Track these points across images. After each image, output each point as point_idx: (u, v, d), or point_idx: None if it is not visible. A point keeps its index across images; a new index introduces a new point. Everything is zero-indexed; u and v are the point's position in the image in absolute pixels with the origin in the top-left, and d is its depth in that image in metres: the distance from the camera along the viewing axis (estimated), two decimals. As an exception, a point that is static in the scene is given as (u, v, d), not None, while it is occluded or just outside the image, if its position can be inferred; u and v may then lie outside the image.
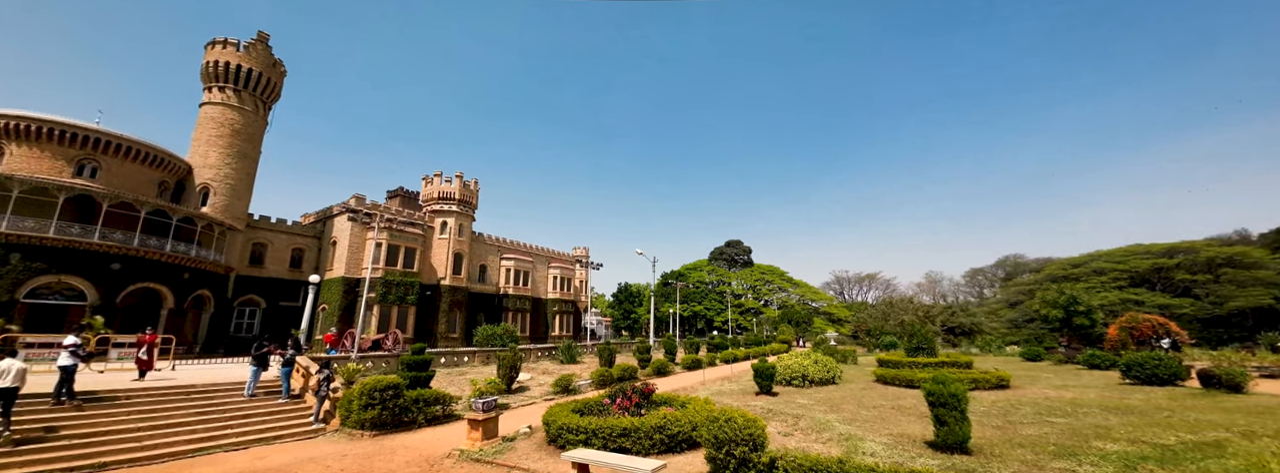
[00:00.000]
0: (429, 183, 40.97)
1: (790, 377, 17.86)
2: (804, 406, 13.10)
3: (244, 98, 32.20)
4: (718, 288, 76.34)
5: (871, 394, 15.22)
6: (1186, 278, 54.72)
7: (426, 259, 38.04)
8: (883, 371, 19.03)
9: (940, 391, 8.07)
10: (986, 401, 13.58)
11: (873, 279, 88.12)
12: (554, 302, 49.63)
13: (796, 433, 10.11)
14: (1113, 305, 49.48)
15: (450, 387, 15.91)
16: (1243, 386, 14.62)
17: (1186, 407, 12.06)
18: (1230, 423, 9.90)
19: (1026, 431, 9.78)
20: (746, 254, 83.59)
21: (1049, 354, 31.57)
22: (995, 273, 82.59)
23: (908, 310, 57.29)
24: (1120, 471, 7.00)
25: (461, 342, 37.65)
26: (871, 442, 9.02)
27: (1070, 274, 61.09)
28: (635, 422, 8.49)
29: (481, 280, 43.84)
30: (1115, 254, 61.05)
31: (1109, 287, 56.34)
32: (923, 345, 22.32)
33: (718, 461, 6.75)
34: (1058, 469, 7.14)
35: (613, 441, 8.36)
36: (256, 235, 33.30)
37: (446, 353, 23.70)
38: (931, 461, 7.62)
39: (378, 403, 10.94)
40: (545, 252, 51.76)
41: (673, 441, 8.59)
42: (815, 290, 78.39)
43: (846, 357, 29.24)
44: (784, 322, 65.06)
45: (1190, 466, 7.10)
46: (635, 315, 71.07)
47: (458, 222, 40.05)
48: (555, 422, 9.00)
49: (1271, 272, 49.36)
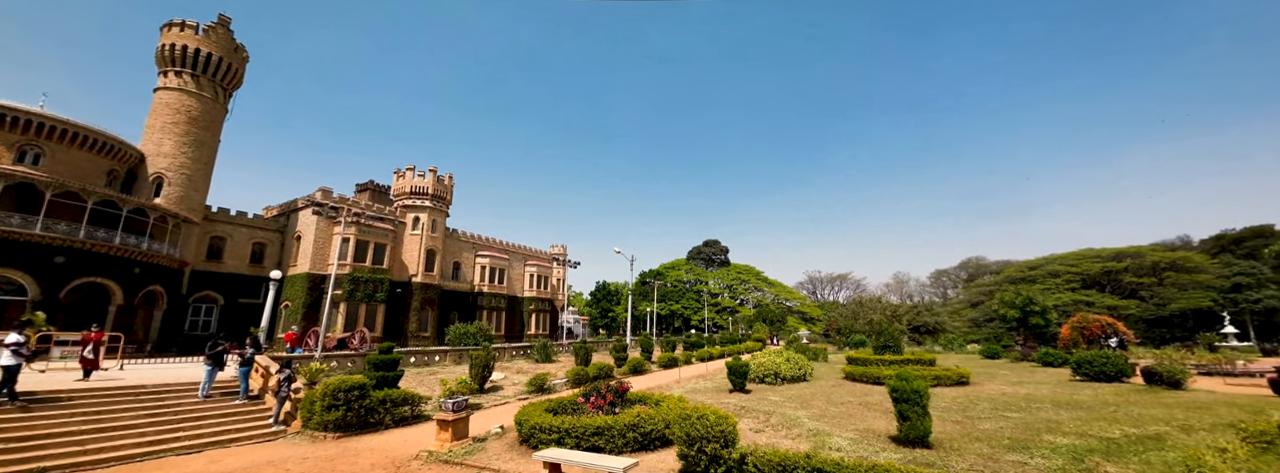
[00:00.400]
0: (401, 177, 39.85)
1: (763, 375, 18.16)
2: (775, 403, 13.33)
3: (202, 83, 30.67)
4: (695, 287, 76.99)
5: (840, 391, 15.61)
6: (1133, 281, 58.14)
7: (397, 256, 37.03)
8: (851, 368, 19.54)
9: (903, 387, 8.34)
10: (947, 397, 14.10)
11: (844, 279, 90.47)
12: (530, 300, 49.07)
13: (767, 430, 10.29)
14: (1066, 306, 52.11)
15: (420, 387, 15.55)
16: (1182, 382, 15.60)
17: (1131, 402, 12.80)
18: (1170, 418, 10.54)
19: (984, 425, 10.21)
20: (723, 254, 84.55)
21: (1006, 352, 33.05)
22: (958, 274, 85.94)
23: (876, 310, 59.02)
24: (1068, 463, 7.37)
25: (433, 341, 36.80)
26: (838, 437, 9.26)
27: (1027, 276, 64.08)
28: (609, 421, 8.47)
29: (455, 278, 42.95)
30: (1069, 258, 64.35)
31: (1063, 288, 59.35)
32: (889, 344, 23.03)
33: (690, 458, 6.81)
34: (1011, 462, 7.48)
35: (586, 440, 8.33)
36: (214, 228, 31.81)
37: (417, 352, 23.16)
38: (894, 455, 7.87)
39: (342, 404, 10.57)
40: (522, 249, 51.10)
41: (646, 439, 8.61)
42: (789, 290, 79.92)
43: (818, 355, 29.91)
44: (759, 321, 66.12)
45: (1133, 458, 7.54)
46: (613, 314, 71.10)
47: (431, 217, 39.09)
48: (527, 421, 8.90)
49: (1210, 276, 52.93)
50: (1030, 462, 7.46)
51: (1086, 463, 7.33)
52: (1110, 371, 17.70)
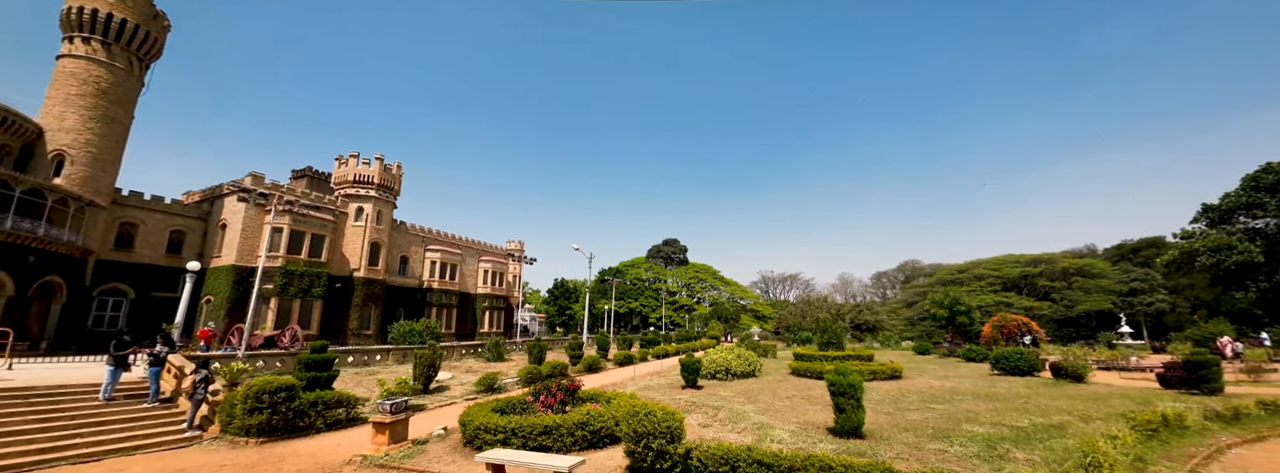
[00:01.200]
0: (343, 164, 37.35)
1: (715, 371, 18.57)
2: (725, 398, 13.67)
3: (115, 53, 27.60)
4: (654, 285, 77.55)
5: (786, 386, 16.22)
6: (1047, 284, 63.95)
7: (337, 248, 34.85)
8: (797, 363, 20.34)
9: (840, 381, 8.77)
10: (882, 390, 14.98)
11: (794, 279, 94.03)
12: (484, 297, 47.64)
13: (715, 424, 10.53)
14: (988, 307, 56.59)
15: (357, 388, 14.79)
16: (1084, 376, 17.32)
17: (1040, 394, 14.07)
18: (1072, 408, 11.67)
19: (912, 416, 10.93)
20: (682, 253, 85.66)
21: (936, 349, 35.46)
22: (897, 276, 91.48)
23: (823, 309, 61.81)
24: (983, 450, 8.03)
25: (377, 340, 34.87)
26: (780, 430, 9.62)
27: (956, 278, 69.12)
28: (557, 420, 8.39)
29: (402, 273, 40.98)
30: (992, 262, 69.93)
31: (986, 290, 64.45)
32: (832, 341, 24.15)
33: (636, 454, 6.86)
34: (933, 450, 8.06)
35: (533, 439, 8.20)
36: (125, 214, 28.77)
37: (356, 351, 21.99)
38: (829, 445, 8.28)
39: (267, 407, 9.82)
40: (475, 244, 49.47)
41: (596, 437, 8.60)
42: (744, 289, 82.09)
43: (767, 351, 30.93)
44: (714, 318, 67.53)
45: (1038, 445, 8.30)
46: (571, 312, 70.32)
47: (376, 208, 37.01)
48: (472, 422, 8.65)
49: (1111, 281, 59.10)
50: (950, 450, 8.07)
51: (998, 450, 8.00)
52: (1024, 366, 19.37)
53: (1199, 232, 43.53)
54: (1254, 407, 10.72)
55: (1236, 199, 41.52)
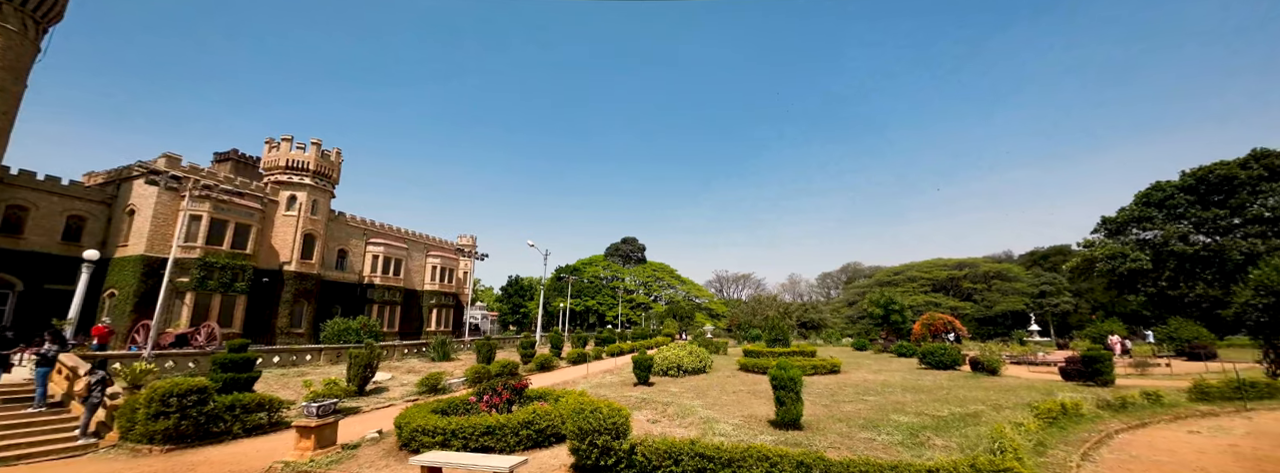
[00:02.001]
0: (274, 149, 34.16)
1: (667, 368, 18.73)
2: (675, 394, 13.83)
3: (6, 13, 24.21)
4: (612, 283, 77.34)
5: (734, 381, 16.62)
6: (970, 286, 69.42)
7: (265, 239, 32.05)
8: (746, 360, 20.92)
9: (781, 375, 9.08)
10: (822, 383, 15.69)
11: (747, 279, 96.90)
12: (431, 294, 45.52)
13: (663, 420, 10.62)
14: (919, 306, 60.65)
15: (283, 390, 13.78)
16: (998, 370, 18.87)
17: (960, 386, 15.19)
18: (986, 399, 12.67)
19: (846, 408, 11.51)
20: (641, 251, 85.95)
21: (872, 345, 37.59)
22: (840, 277, 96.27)
23: (772, 307, 63.94)
24: (906, 437, 8.60)
25: (309, 339, 32.33)
26: (725, 423, 9.84)
27: (892, 280, 73.66)
28: (502, 419, 8.13)
29: (340, 268, 38.28)
30: (924, 265, 75.09)
31: (917, 291, 69.10)
32: (779, 338, 25.06)
33: (581, 451, 6.79)
34: (863, 439, 8.54)
35: (475, 440, 7.89)
36: (13, 195, 25.32)
37: (283, 351, 20.42)
38: (769, 437, 8.56)
39: (174, 411, 8.88)
40: (423, 238, 47.09)
41: (542, 436, 8.41)
42: (699, 288, 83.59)
43: (719, 348, 31.62)
44: (670, 317, 68.28)
45: (955, 432, 8.96)
46: (525, 310, 68.84)
47: (311, 197, 34.16)
48: (409, 424, 8.22)
49: (1024, 284, 64.97)
50: (878, 438, 8.56)
51: (920, 438, 8.59)
52: (947, 360, 20.89)
53: (1098, 241, 48.60)
54: (1138, 397, 12.04)
55: (1130, 213, 46.72)
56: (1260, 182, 39.57)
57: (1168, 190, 44.47)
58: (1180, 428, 10.00)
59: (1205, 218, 41.86)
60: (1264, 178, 39.57)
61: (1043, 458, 7.53)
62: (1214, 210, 41.49)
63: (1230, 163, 41.52)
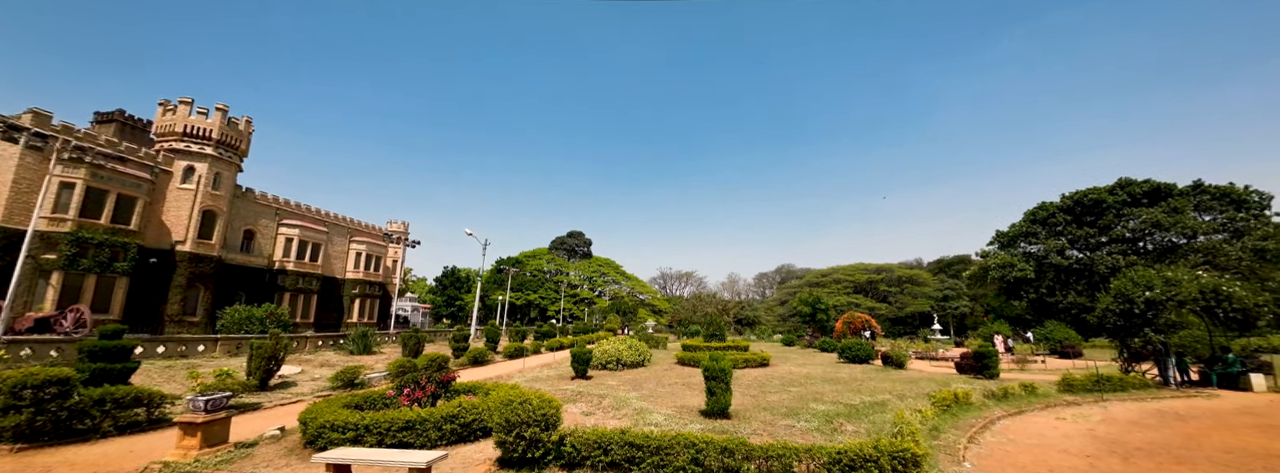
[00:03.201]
0: (170, 112, 29.64)
1: (606, 361, 18.62)
2: (611, 386, 13.75)
3: None
4: (556, 278, 75.87)
5: (670, 374, 16.82)
6: (886, 289, 75.09)
7: (155, 214, 27.98)
8: (684, 354, 21.26)
9: (713, 367, 9.26)
10: (752, 376, 16.25)
11: (690, 277, 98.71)
12: (355, 283, 41.70)
13: (598, 412, 10.50)
14: (842, 306, 64.79)
15: (169, 384, 12.29)
16: (904, 364, 20.47)
17: (871, 378, 16.29)
18: (893, 389, 13.65)
19: (772, 397, 11.97)
20: (587, 246, 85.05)
21: (799, 341, 39.64)
22: (774, 277, 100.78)
23: (711, 304, 65.79)
24: (822, 423, 9.10)
25: (206, 328, 28.86)
26: (657, 413, 9.89)
27: (820, 282, 78.15)
28: (423, 413, 7.61)
29: (247, 250, 34.11)
30: (847, 269, 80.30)
31: (841, 292, 73.79)
32: (716, 333, 25.76)
33: (508, 444, 6.53)
34: (784, 425, 8.93)
35: (392, 436, 7.33)
36: None
37: (170, 340, 18.05)
38: (698, 425, 8.71)
39: (29, 405, 7.59)
40: (347, 222, 42.82)
41: (467, 430, 7.99)
42: (643, 284, 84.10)
43: (659, 343, 31.98)
44: (613, 312, 68.16)
45: (864, 419, 9.56)
46: (461, 303, 65.77)
47: (213, 169, 30.04)
48: (316, 419, 7.50)
49: (930, 288, 71.20)
50: (797, 425, 8.98)
51: (834, 423, 9.12)
52: (862, 355, 22.39)
53: (993, 252, 54.15)
54: (1017, 388, 13.47)
55: (1019, 228, 52.42)
56: (1124, 206, 45.76)
57: (1050, 210, 50.36)
58: (1050, 415, 11.29)
59: (1079, 235, 47.83)
60: (1126, 203, 45.81)
61: (937, 441, 8.19)
62: (1086, 229, 47.50)
63: (1101, 189, 47.66)
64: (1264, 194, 41.29)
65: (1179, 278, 16.20)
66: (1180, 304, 15.80)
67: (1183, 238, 42.46)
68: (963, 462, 7.39)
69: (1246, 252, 38.16)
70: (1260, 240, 38.38)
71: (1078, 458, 7.81)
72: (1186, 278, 16.17)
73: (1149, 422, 10.36)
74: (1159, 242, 43.96)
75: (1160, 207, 43.58)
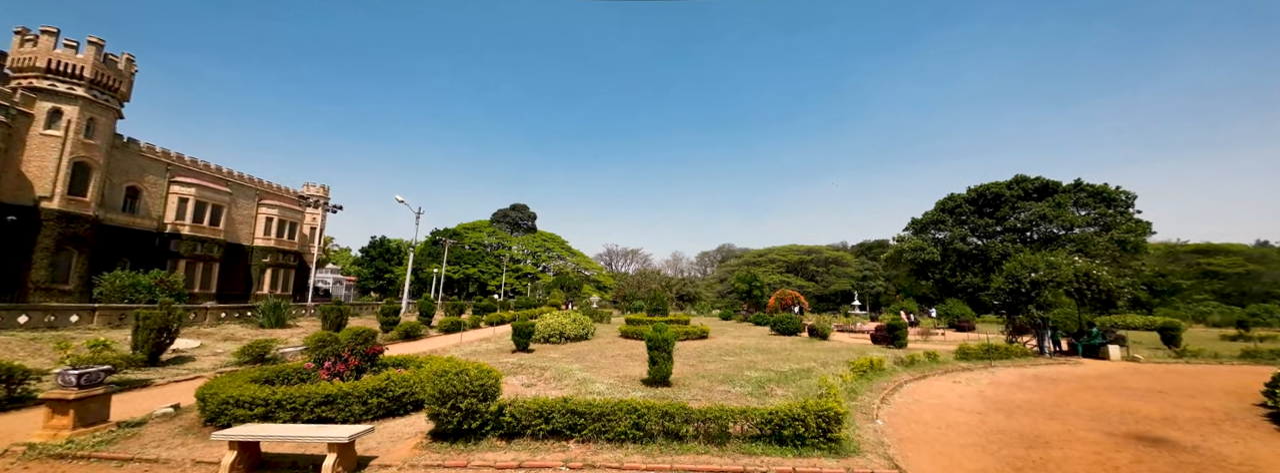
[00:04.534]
0: (29, 42, 24.84)
1: (549, 335, 18.32)
2: (554, 359, 13.57)
3: None
4: (497, 251, 73.32)
5: (614, 347, 16.90)
6: (815, 269, 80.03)
7: (12, 164, 23.77)
8: (627, 327, 21.44)
9: (657, 337, 9.32)
10: (692, 347, 16.72)
11: (636, 254, 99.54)
12: (265, 251, 37.50)
13: (539, 383, 10.31)
14: (775, 283, 68.38)
15: (36, 358, 10.66)
16: (827, 335, 21.95)
17: (799, 348, 17.31)
18: (818, 358, 14.58)
19: (710, 366, 12.37)
20: (531, 219, 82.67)
21: (736, 315, 41.46)
22: (716, 256, 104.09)
23: (655, 281, 66.91)
24: (755, 389, 9.55)
25: (81, 297, 25.08)
26: (600, 383, 9.88)
27: (757, 261, 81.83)
28: (346, 387, 7.01)
29: (130, 210, 29.74)
30: (781, 250, 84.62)
31: (775, 272, 77.81)
32: (659, 308, 26.20)
33: (442, 416, 6.16)
34: (721, 391, 9.27)
35: (309, 411, 6.67)
36: None
37: (35, 309, 15.58)
38: (640, 393, 8.78)
39: None
40: (255, 183, 38.02)
41: (397, 403, 7.47)
42: (589, 260, 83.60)
43: (603, 317, 32.10)
44: (557, 287, 67.36)
45: (792, 384, 10.12)
46: (391, 276, 61.75)
47: (85, 114, 25.68)
48: (218, 395, 6.67)
49: (853, 269, 76.74)
50: (732, 390, 9.35)
51: (765, 388, 9.59)
52: (791, 328, 23.78)
53: (907, 237, 58.96)
54: (922, 356, 14.85)
55: (930, 217, 57.26)
56: (1018, 200, 51.13)
57: (957, 200, 55.34)
58: (948, 379, 12.54)
59: (979, 224, 53.09)
60: (1021, 197, 51.21)
61: (855, 402, 8.82)
62: (985, 219, 52.77)
63: (1000, 184, 52.85)
64: (1129, 194, 47.78)
65: (1058, 263, 18.40)
66: (1058, 285, 18.00)
67: (1062, 229, 48.43)
68: (876, 419, 8.00)
69: (1112, 243, 44.26)
70: (1124, 234, 44.64)
71: (970, 415, 8.72)
72: (1064, 263, 18.40)
73: (1028, 385, 11.82)
74: (1043, 232, 49.84)
75: (1047, 202, 49.20)
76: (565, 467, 5.64)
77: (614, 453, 5.94)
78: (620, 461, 5.73)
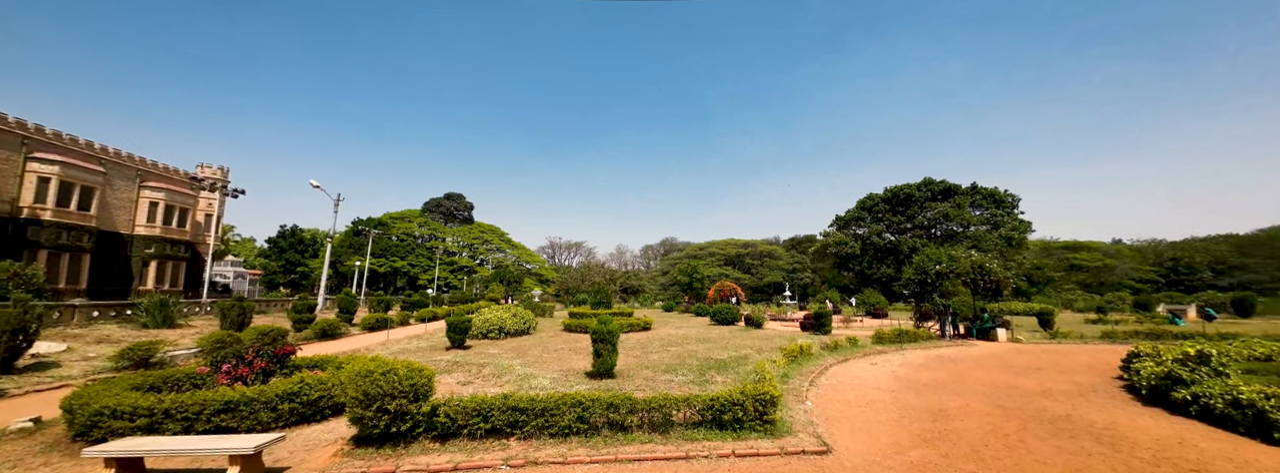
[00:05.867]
0: None
1: (487, 330, 17.56)
2: (493, 355, 13.02)
3: None
4: (429, 243, 69.14)
5: (557, 340, 16.54)
6: (751, 262, 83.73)
7: None
8: (571, 320, 21.10)
9: (601, 329, 9.20)
10: (636, 339, 16.79)
11: (579, 247, 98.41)
12: (149, 240, 32.89)
13: (477, 381, 9.82)
14: (715, 276, 70.74)
15: None
16: (762, 324, 23.02)
17: (737, 337, 17.98)
18: (753, 345, 15.23)
19: (653, 357, 12.48)
20: (468, 210, 78.75)
21: (678, 307, 42.38)
22: (659, 249, 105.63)
23: (599, 274, 66.66)
24: (696, 376, 9.77)
25: None
26: (542, 378, 9.59)
27: (698, 254, 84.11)
28: (251, 392, 6.22)
29: None
30: (721, 244, 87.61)
31: (714, 264, 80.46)
32: (603, 301, 26.13)
33: (366, 420, 5.65)
34: (664, 380, 9.38)
35: (205, 420, 5.86)
36: None
37: None
38: (585, 386, 8.64)
39: None
40: (136, 162, 32.95)
41: (313, 408, 6.75)
42: (531, 253, 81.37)
43: (546, 311, 31.35)
44: (496, 281, 64.91)
45: (731, 370, 10.47)
46: (305, 269, 56.05)
47: None
48: (90, 405, 5.67)
49: (784, 262, 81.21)
50: (675, 379, 9.49)
51: (706, 376, 9.83)
52: (729, 318, 24.70)
53: (831, 233, 63.28)
54: (844, 341, 16.00)
55: (852, 214, 61.81)
56: (926, 200, 56.47)
57: (875, 200, 60.17)
58: (866, 362, 13.60)
59: (893, 221, 58.08)
60: (929, 198, 56.59)
61: (787, 385, 9.28)
62: (898, 217, 57.82)
63: (911, 185, 58.07)
64: (1015, 196, 54.46)
65: (958, 256, 20.58)
66: (957, 276, 20.14)
67: (961, 227, 54.22)
68: (805, 401, 8.46)
69: (1000, 239, 50.24)
70: (1010, 231, 50.84)
71: (885, 392, 9.49)
72: (963, 257, 20.60)
73: (933, 365, 13.09)
74: (945, 229, 55.55)
75: (949, 202, 54.82)
76: (506, 465, 5.39)
77: (558, 448, 5.77)
78: (564, 455, 5.58)
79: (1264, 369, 9.33)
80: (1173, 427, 7.15)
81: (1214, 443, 6.38)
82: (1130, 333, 19.62)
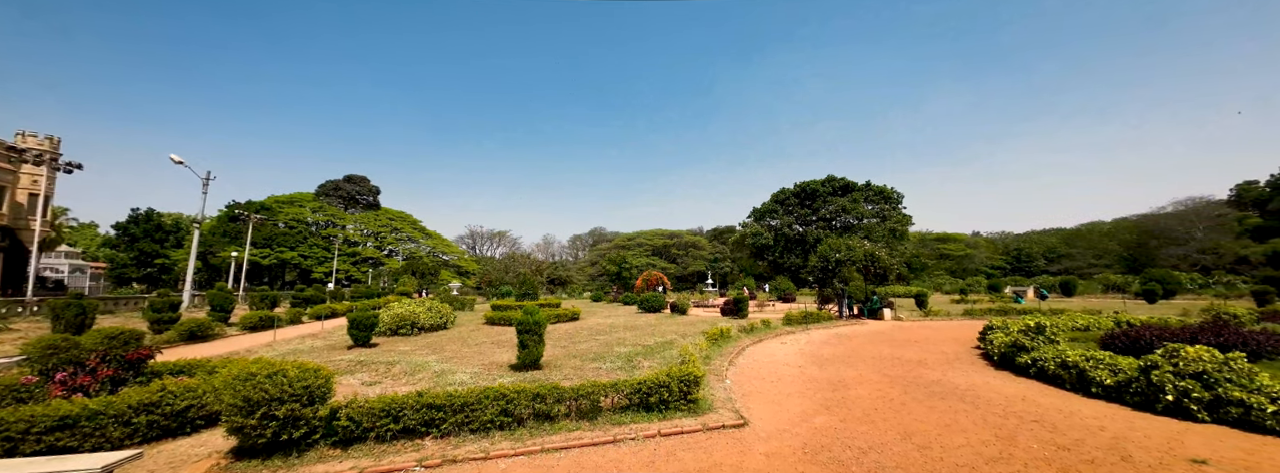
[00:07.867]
0: None
1: (397, 326, 16.09)
2: (404, 352, 12.00)
3: None
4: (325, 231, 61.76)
5: (478, 334, 15.69)
6: (676, 251, 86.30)
7: None
8: (493, 313, 20.13)
9: (527, 320, 8.83)
10: (563, 329, 16.48)
11: (503, 237, 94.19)
12: None
13: (386, 380, 8.97)
14: (642, 265, 71.91)
15: None
16: (686, 310, 23.82)
17: (663, 323, 18.41)
18: (679, 330, 15.68)
19: (581, 346, 12.32)
20: (373, 195, 71.50)
21: (606, 296, 42.48)
22: (587, 240, 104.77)
23: (525, 264, 64.56)
24: (624, 363, 9.78)
25: None
26: (462, 373, 9.02)
27: (626, 244, 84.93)
28: (95, 405, 5.10)
29: None
30: (649, 234, 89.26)
31: (642, 254, 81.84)
32: (529, 292, 25.29)
33: (248, 429, 4.87)
34: (592, 367, 9.27)
35: (36, 440, 4.74)
36: None
37: None
38: (509, 378, 8.25)
39: None
40: None
41: (178, 420, 5.71)
42: (448, 243, 76.29)
43: (465, 305, 29.66)
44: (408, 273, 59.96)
45: (657, 355, 10.65)
46: (164, 260, 47.23)
47: None
48: None
49: (707, 252, 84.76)
50: (603, 366, 9.42)
51: (634, 362, 9.89)
52: (656, 305, 25.25)
53: (749, 224, 67.20)
54: (759, 323, 17.09)
55: (767, 207, 66.04)
56: (829, 196, 61.86)
57: (787, 194, 64.80)
58: (778, 341, 14.64)
59: (801, 214, 62.98)
60: (831, 194, 62.03)
61: (709, 366, 9.66)
62: (805, 210, 62.81)
63: (816, 182, 63.25)
64: (900, 194, 61.55)
65: (854, 246, 22.86)
66: (853, 263, 22.38)
67: (856, 220, 60.24)
68: (725, 379, 8.86)
69: (887, 231, 56.62)
70: (895, 224, 57.49)
71: (794, 367, 10.26)
72: (858, 246, 22.93)
73: (833, 341, 14.43)
74: (843, 222, 61.42)
75: (847, 198, 60.62)
76: (419, 467, 4.96)
77: (479, 443, 5.44)
78: (486, 450, 5.27)
79: (1084, 337, 11.51)
80: (1018, 386, 8.53)
81: (1048, 398, 7.72)
82: (985, 310, 23.23)
